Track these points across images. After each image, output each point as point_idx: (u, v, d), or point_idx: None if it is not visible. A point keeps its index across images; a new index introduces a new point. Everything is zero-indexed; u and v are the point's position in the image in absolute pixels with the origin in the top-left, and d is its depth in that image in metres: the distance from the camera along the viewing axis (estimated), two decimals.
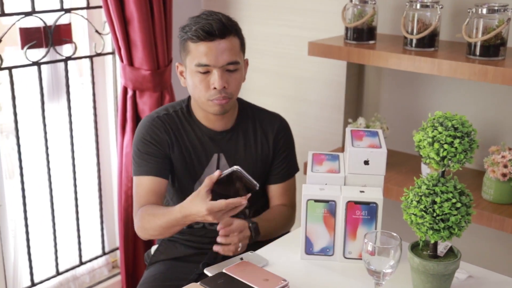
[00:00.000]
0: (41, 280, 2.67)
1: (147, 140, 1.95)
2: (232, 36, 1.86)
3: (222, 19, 1.84)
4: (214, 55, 1.82)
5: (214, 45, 1.82)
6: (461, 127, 1.37)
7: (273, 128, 2.04)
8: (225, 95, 1.87)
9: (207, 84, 1.85)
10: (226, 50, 1.83)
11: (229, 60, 1.84)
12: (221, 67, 1.84)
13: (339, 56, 2.26)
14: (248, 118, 2.04)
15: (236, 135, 2.00)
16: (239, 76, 1.90)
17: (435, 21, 2.12)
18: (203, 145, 1.97)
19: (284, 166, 2.06)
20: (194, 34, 1.82)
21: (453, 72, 2.01)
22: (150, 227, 1.86)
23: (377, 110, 2.56)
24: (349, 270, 1.61)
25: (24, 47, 2.35)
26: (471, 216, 1.43)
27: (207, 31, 1.80)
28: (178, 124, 1.98)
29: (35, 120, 2.51)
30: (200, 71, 1.84)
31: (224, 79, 1.84)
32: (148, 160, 1.94)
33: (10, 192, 2.51)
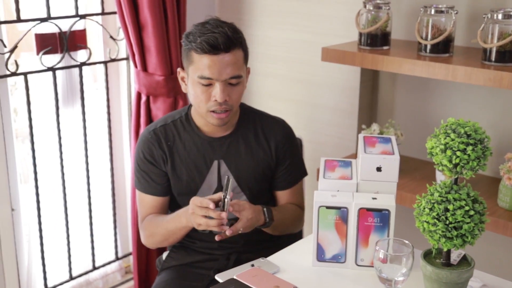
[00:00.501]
0: (54, 285, 2.68)
1: (145, 158, 1.98)
2: (237, 49, 1.84)
3: (227, 32, 1.81)
4: (218, 69, 1.80)
5: (218, 59, 1.80)
6: (474, 134, 1.35)
7: (276, 134, 2.02)
8: (226, 107, 1.86)
9: (208, 96, 1.84)
10: (230, 64, 1.82)
11: (232, 74, 1.83)
12: (224, 81, 1.83)
13: (353, 62, 2.24)
14: (249, 123, 2.01)
15: (236, 140, 1.98)
16: (240, 88, 1.89)
17: (449, 27, 2.11)
18: (202, 152, 1.96)
19: (289, 173, 2.04)
20: (199, 46, 1.80)
21: (468, 78, 1.99)
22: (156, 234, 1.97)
23: (392, 116, 2.54)
24: (361, 278, 1.60)
25: (40, 52, 2.37)
26: (487, 224, 1.42)
27: (212, 44, 1.78)
28: (175, 134, 1.97)
29: (50, 125, 2.52)
30: (202, 83, 1.83)
31: (226, 93, 1.83)
32: (147, 179, 1.98)
33: (24, 196, 2.53)
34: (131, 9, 2.39)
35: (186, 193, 1.98)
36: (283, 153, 2.01)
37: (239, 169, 1.95)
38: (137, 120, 2.60)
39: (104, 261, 2.86)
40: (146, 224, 1.99)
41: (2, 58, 2.26)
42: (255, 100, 2.88)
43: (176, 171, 1.96)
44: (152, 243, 2.01)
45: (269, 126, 2.02)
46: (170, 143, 1.96)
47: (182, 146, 1.96)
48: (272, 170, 2.02)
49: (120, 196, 2.85)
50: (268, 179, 2.03)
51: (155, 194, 1.99)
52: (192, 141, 1.96)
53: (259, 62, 2.82)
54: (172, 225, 1.90)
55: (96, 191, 2.77)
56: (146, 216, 2.01)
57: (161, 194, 2.00)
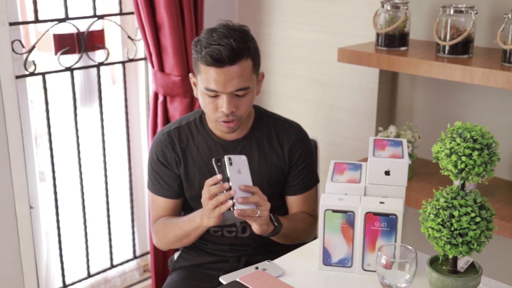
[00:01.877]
0: (72, 282, 2.71)
1: (158, 160, 1.97)
2: (244, 60, 1.79)
3: (233, 44, 1.75)
4: (223, 82, 1.77)
5: (223, 72, 1.76)
6: (481, 138, 1.32)
7: (289, 139, 1.98)
8: (233, 118, 1.84)
9: (215, 106, 1.83)
10: (235, 77, 1.78)
11: (238, 87, 1.79)
12: (230, 93, 1.80)
13: (369, 63, 2.21)
14: (263, 127, 1.99)
15: (249, 144, 1.96)
16: (249, 99, 1.85)
17: (469, 27, 2.06)
18: (215, 155, 1.93)
19: (301, 178, 2.00)
20: (203, 59, 1.77)
21: (486, 80, 1.94)
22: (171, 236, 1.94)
23: (410, 118, 2.50)
24: (368, 283, 1.57)
25: (58, 53, 2.39)
26: (506, 230, 1.37)
27: (216, 58, 1.75)
28: (189, 137, 1.96)
29: (68, 124, 2.54)
30: (208, 95, 1.82)
31: (232, 104, 1.81)
32: (160, 181, 1.98)
33: (43, 194, 2.56)
34: (148, 9, 2.40)
35: (199, 196, 1.96)
36: (296, 158, 1.98)
37: (252, 173, 1.93)
38: (154, 120, 2.61)
39: (122, 259, 2.88)
40: (158, 226, 1.99)
41: (20, 59, 2.29)
42: (273, 101, 2.86)
43: (189, 173, 1.96)
44: (165, 244, 1.99)
45: (283, 130, 1.99)
46: (184, 146, 1.96)
47: (196, 148, 1.95)
48: (285, 174, 1.99)
49: (138, 195, 2.87)
50: (281, 184, 2.00)
51: (168, 196, 1.99)
52: (205, 144, 1.95)
53: (278, 62, 2.80)
54: (187, 226, 1.88)
55: (114, 190, 2.79)
56: (158, 218, 2.01)
57: (173, 196, 1.99)
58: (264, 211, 1.72)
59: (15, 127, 2.27)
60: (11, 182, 2.31)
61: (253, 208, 1.70)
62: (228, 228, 1.99)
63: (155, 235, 2.01)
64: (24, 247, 2.41)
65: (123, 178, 2.81)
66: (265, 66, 2.86)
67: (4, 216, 2.33)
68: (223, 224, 1.99)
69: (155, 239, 2.01)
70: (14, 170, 2.30)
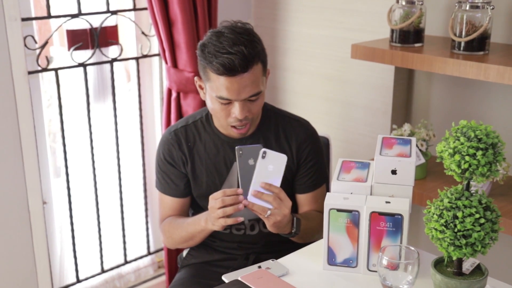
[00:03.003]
0: (86, 277, 2.72)
1: (165, 159, 1.96)
2: (255, 65, 1.76)
3: (244, 51, 1.71)
4: (236, 90, 1.74)
5: (236, 80, 1.73)
6: (485, 138, 1.28)
7: (297, 137, 1.95)
8: (246, 122, 1.83)
9: (228, 113, 1.80)
10: (248, 84, 1.75)
11: (252, 93, 1.77)
12: (243, 100, 1.78)
13: (382, 60, 2.17)
14: (271, 124, 1.96)
15: (256, 142, 1.93)
16: (260, 101, 1.84)
17: (485, 23, 2.01)
18: (222, 154, 1.93)
19: (310, 176, 1.97)
20: (215, 68, 1.73)
21: (501, 78, 1.89)
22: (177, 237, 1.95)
23: (427, 116, 2.45)
24: (373, 283, 1.54)
25: (71, 48, 2.40)
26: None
27: (229, 68, 1.71)
28: (196, 135, 1.95)
29: (82, 120, 2.55)
30: (221, 102, 1.79)
31: (245, 110, 1.79)
32: (167, 180, 1.97)
33: (57, 190, 2.57)
34: (161, 5, 2.39)
35: (206, 194, 1.94)
36: (305, 156, 1.96)
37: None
38: (168, 116, 2.60)
39: (136, 255, 2.88)
40: (165, 226, 1.99)
41: (33, 54, 2.30)
42: (287, 98, 2.84)
43: (196, 172, 1.95)
44: (171, 244, 2.00)
45: (291, 127, 1.96)
46: (191, 144, 1.94)
47: (203, 147, 1.94)
48: (293, 172, 1.97)
49: (152, 191, 2.87)
50: (289, 182, 1.97)
51: (175, 195, 1.98)
52: (212, 142, 1.94)
53: (293, 58, 2.78)
54: (192, 228, 1.88)
55: (128, 185, 2.79)
56: (166, 217, 2.01)
57: (180, 195, 1.98)
58: (277, 215, 1.67)
59: (27, 123, 2.28)
60: (23, 177, 2.32)
61: (263, 207, 1.65)
62: (237, 226, 1.98)
63: (162, 235, 2.01)
64: (37, 242, 2.42)
65: (137, 173, 2.81)
66: (280, 62, 2.83)
67: (17, 211, 2.35)
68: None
69: (163, 239, 2.02)
70: (27, 165, 2.32)
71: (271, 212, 1.66)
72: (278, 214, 1.67)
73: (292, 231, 1.78)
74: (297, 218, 1.80)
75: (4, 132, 2.24)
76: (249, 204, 1.64)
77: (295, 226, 1.78)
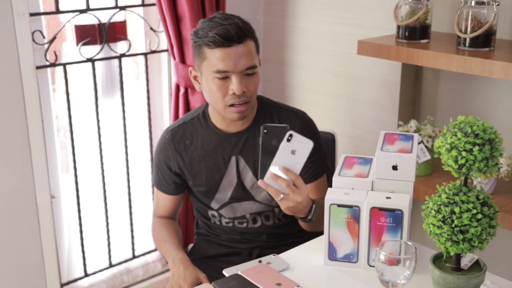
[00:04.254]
0: (94, 271, 2.75)
1: (161, 158, 2.01)
2: (249, 40, 1.81)
3: (238, 23, 1.78)
4: (233, 61, 1.78)
5: (232, 51, 1.77)
6: (482, 133, 1.28)
7: (293, 127, 1.91)
8: (244, 99, 1.83)
9: (225, 90, 1.82)
10: (244, 54, 1.79)
11: (248, 65, 1.80)
12: (240, 72, 1.80)
13: (388, 56, 2.17)
14: (267, 117, 1.97)
15: (252, 135, 1.94)
16: (257, 79, 1.86)
17: (491, 19, 2.00)
18: (219, 149, 1.94)
19: (310, 167, 1.97)
20: (211, 40, 1.77)
21: (505, 74, 1.88)
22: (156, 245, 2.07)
23: (434, 113, 2.44)
24: (373, 279, 1.53)
25: (79, 44, 2.42)
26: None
27: (225, 36, 1.75)
28: (193, 133, 1.97)
29: (90, 115, 2.57)
30: (218, 77, 1.81)
31: (243, 84, 1.81)
32: (161, 177, 2.03)
33: (65, 185, 2.60)
34: (169, 1, 2.40)
35: (206, 191, 1.98)
36: None
37: (257, 165, 1.92)
38: (176, 112, 2.62)
39: (144, 250, 2.90)
40: (154, 229, 2.07)
41: (41, 49, 2.32)
42: (295, 93, 2.84)
43: (195, 169, 1.96)
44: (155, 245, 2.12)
45: (287, 119, 1.96)
46: (188, 142, 1.96)
47: (200, 144, 1.96)
48: None
49: None
50: None
51: (167, 192, 2.04)
52: (209, 138, 1.95)
53: (302, 55, 2.78)
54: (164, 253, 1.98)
55: (136, 181, 2.81)
56: (158, 211, 2.09)
57: (173, 193, 2.04)
58: (289, 201, 1.64)
59: (35, 118, 2.30)
60: (31, 172, 2.35)
61: (277, 190, 1.62)
62: (239, 220, 2.00)
63: (151, 231, 2.09)
64: (45, 236, 2.45)
65: (145, 169, 2.83)
66: (288, 58, 2.84)
67: (25, 205, 2.37)
68: (233, 216, 1.99)
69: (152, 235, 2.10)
70: (35, 160, 2.34)
71: (284, 197, 1.63)
72: (291, 200, 1.64)
73: (307, 217, 1.75)
74: (316, 207, 1.77)
75: (13, 127, 2.27)
76: (264, 185, 1.62)
77: (313, 213, 1.75)
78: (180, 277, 1.83)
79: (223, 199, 1.98)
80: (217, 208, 2.00)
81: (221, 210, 2.00)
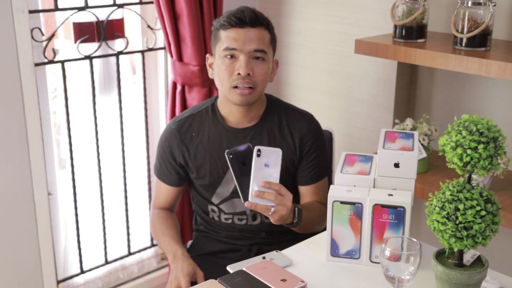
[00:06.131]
0: (90, 268, 2.75)
1: (166, 149, 2.02)
2: (263, 29, 1.89)
3: (254, 11, 1.88)
4: (242, 40, 1.85)
5: (243, 32, 1.85)
6: (487, 132, 1.30)
7: (301, 130, 1.98)
8: (249, 82, 1.86)
9: (232, 70, 1.86)
10: (254, 38, 1.86)
11: (256, 47, 1.86)
12: (248, 53, 1.85)
13: (385, 55, 2.20)
14: (275, 116, 1.99)
15: (259, 132, 1.97)
16: (265, 67, 1.90)
17: (487, 19, 2.03)
18: (226, 143, 1.96)
19: (313, 169, 2.00)
20: (226, 20, 1.86)
21: (502, 74, 1.92)
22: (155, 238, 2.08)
23: (428, 111, 2.48)
24: (375, 275, 1.57)
25: (77, 41, 2.42)
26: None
27: (239, 17, 1.85)
28: (200, 125, 1.99)
29: (87, 112, 2.58)
30: (227, 55, 1.86)
31: (249, 66, 1.85)
32: (163, 167, 2.04)
33: (62, 182, 2.60)
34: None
35: (209, 184, 2.00)
36: (307, 148, 1.99)
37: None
38: (173, 109, 2.63)
39: (139, 247, 2.91)
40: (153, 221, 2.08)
41: (40, 46, 2.33)
42: (291, 92, 2.86)
43: (199, 161, 1.98)
44: (152, 235, 2.14)
45: (295, 120, 2.00)
46: (195, 134, 1.98)
47: (207, 136, 1.98)
48: (295, 165, 2.00)
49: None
50: (291, 174, 2.00)
51: (169, 183, 2.05)
52: (216, 132, 1.97)
53: (297, 53, 2.80)
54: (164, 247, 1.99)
55: (132, 178, 2.82)
56: (158, 202, 2.10)
57: (174, 184, 2.06)
58: (280, 211, 1.69)
59: (33, 114, 2.31)
60: (29, 169, 2.35)
61: (266, 205, 1.66)
62: (239, 216, 2.02)
63: (150, 223, 2.11)
64: (42, 233, 2.45)
65: (141, 166, 2.84)
66: (284, 57, 2.86)
67: (22, 202, 2.37)
68: (233, 212, 2.01)
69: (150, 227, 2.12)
70: (33, 157, 2.34)
71: (275, 209, 1.68)
72: (282, 210, 1.69)
73: (293, 221, 1.80)
74: (299, 209, 1.82)
75: (11, 123, 2.27)
76: (252, 206, 1.66)
77: (297, 216, 1.81)
78: (179, 271, 1.85)
79: (224, 193, 1.99)
80: (218, 203, 2.02)
81: (222, 205, 2.02)
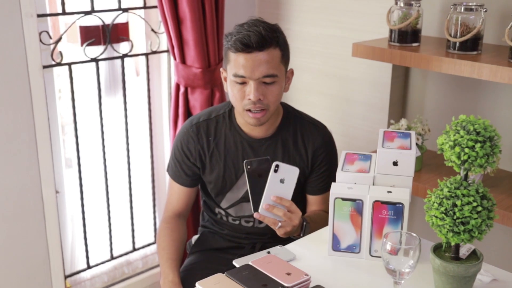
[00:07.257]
0: (96, 263, 2.83)
1: (182, 148, 2.03)
2: (272, 49, 1.84)
3: (262, 31, 1.81)
4: (250, 68, 1.82)
5: (251, 57, 1.81)
6: (484, 131, 1.38)
7: (314, 142, 2.01)
8: (261, 106, 1.86)
9: (243, 94, 1.86)
10: (263, 63, 1.82)
11: (265, 73, 1.83)
12: (257, 80, 1.83)
13: (382, 58, 2.28)
14: (290, 126, 2.02)
15: (275, 143, 1.99)
16: (276, 88, 1.88)
17: (478, 25, 2.12)
18: (240, 151, 1.98)
19: (322, 180, 2.04)
20: (233, 45, 1.82)
21: (493, 76, 2.01)
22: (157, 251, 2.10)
23: (421, 112, 2.57)
24: (375, 268, 1.64)
25: (84, 44, 2.49)
26: (508, 220, 1.41)
27: (245, 43, 1.80)
28: (217, 130, 2.00)
29: (94, 113, 2.65)
30: (237, 82, 1.85)
31: (259, 91, 1.84)
32: (179, 168, 2.05)
33: (70, 180, 2.67)
34: (171, 3, 2.48)
35: (221, 187, 2.02)
36: (319, 161, 2.02)
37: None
38: (176, 110, 2.70)
39: (144, 243, 2.99)
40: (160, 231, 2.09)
41: (47, 49, 2.39)
42: (290, 94, 2.94)
43: (214, 166, 2.01)
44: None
45: (309, 132, 2.02)
46: (211, 138, 2.00)
47: (223, 142, 2.00)
48: (306, 176, 2.03)
49: (160, 182, 2.97)
50: (301, 183, 2.02)
51: (183, 184, 2.07)
52: (232, 139, 1.99)
53: (296, 56, 2.88)
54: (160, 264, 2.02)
55: (136, 176, 2.89)
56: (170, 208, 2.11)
57: (188, 185, 2.07)
58: (286, 227, 1.75)
59: (42, 116, 2.36)
60: (38, 168, 2.41)
61: (274, 219, 1.73)
62: (246, 219, 2.06)
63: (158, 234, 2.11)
64: (50, 229, 2.51)
65: (145, 165, 2.91)
66: None
67: (31, 200, 2.43)
68: (241, 215, 2.06)
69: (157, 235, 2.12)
70: (41, 156, 2.40)
71: (281, 225, 1.74)
72: (288, 226, 1.75)
73: (300, 235, 1.85)
74: (307, 223, 1.86)
75: (20, 124, 2.32)
76: (260, 217, 1.72)
77: (304, 230, 1.85)
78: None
79: (234, 198, 2.03)
80: (226, 207, 2.06)
81: (230, 209, 2.06)
